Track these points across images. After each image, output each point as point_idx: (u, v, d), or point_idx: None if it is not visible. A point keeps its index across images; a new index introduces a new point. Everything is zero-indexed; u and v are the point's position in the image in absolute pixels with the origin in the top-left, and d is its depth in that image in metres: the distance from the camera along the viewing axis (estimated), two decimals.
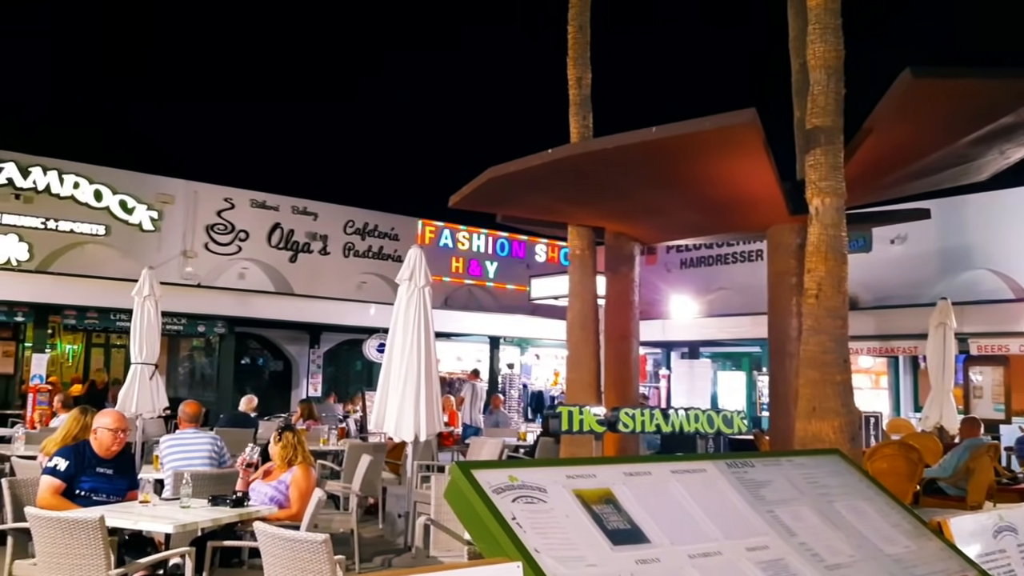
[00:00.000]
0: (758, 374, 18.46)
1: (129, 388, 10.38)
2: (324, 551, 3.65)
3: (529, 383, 22.19)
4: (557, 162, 5.57)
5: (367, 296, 20.28)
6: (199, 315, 16.70)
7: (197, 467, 6.33)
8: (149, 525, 4.70)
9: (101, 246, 17.58)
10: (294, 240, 20.52)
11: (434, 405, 7.62)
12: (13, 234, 16.52)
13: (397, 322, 7.84)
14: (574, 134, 7.28)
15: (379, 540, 8.28)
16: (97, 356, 18.32)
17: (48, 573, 4.19)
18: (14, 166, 16.70)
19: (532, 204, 7.11)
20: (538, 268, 23.10)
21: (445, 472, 8.15)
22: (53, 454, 5.41)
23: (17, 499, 5.25)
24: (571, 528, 2.49)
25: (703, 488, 2.79)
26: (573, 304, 7.32)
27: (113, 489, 5.25)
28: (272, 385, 20.17)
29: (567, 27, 7.40)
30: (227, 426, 10.74)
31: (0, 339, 16.71)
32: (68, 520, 4.12)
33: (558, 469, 2.72)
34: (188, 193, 18.95)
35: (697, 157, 5.29)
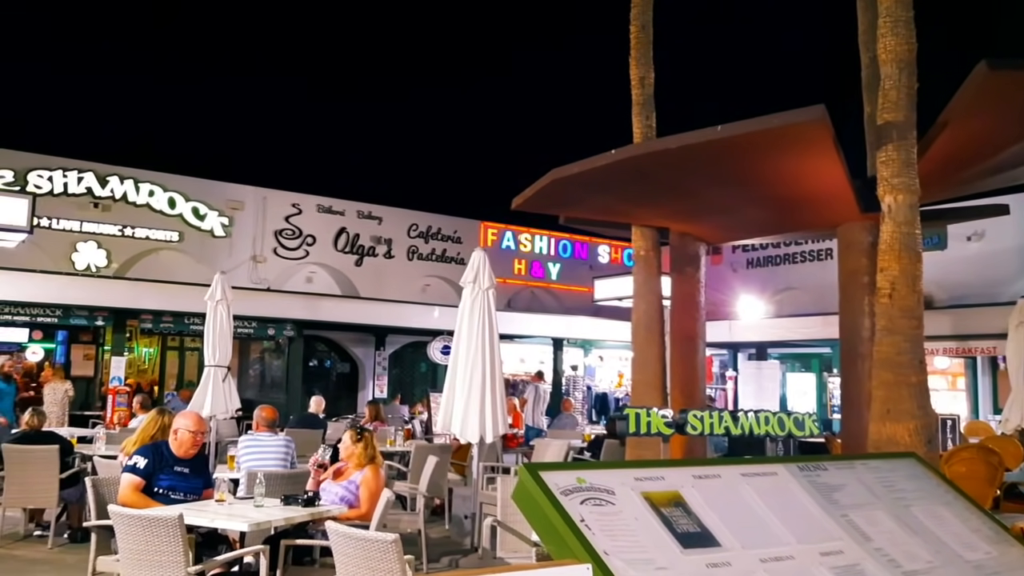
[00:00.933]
0: (828, 375, 18.05)
1: (203, 390, 10.67)
2: (394, 551, 3.70)
3: (593, 385, 22.11)
4: (620, 163, 5.54)
5: (431, 298, 20.48)
6: (269, 318, 17.10)
7: (270, 468, 6.48)
8: (225, 523, 4.83)
9: (175, 252, 18.13)
10: (359, 244, 20.83)
11: (499, 407, 7.65)
12: (92, 241, 17.15)
13: (462, 324, 7.90)
14: (637, 134, 7.25)
15: (445, 540, 8.35)
16: (172, 359, 18.88)
17: (130, 569, 4.33)
18: (93, 176, 17.34)
19: (596, 205, 7.08)
20: (601, 269, 22.99)
21: (511, 474, 8.19)
22: (133, 453, 5.60)
23: (100, 497, 5.44)
24: (640, 531, 2.48)
25: (774, 491, 2.75)
26: (638, 305, 7.27)
27: (189, 487, 5.41)
28: (339, 387, 20.51)
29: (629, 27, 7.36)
30: (297, 427, 10.97)
31: (81, 343, 17.37)
32: (149, 518, 4.26)
33: (626, 471, 2.71)
34: (257, 199, 19.41)
35: (764, 155, 5.21)
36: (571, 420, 14.21)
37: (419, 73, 39.33)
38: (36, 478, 7.58)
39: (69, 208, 17.02)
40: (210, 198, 18.68)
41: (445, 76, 39.38)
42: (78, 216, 17.11)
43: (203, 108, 34.53)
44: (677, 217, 7.06)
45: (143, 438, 6.83)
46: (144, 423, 7.07)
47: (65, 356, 17.21)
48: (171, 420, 7.08)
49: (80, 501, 7.83)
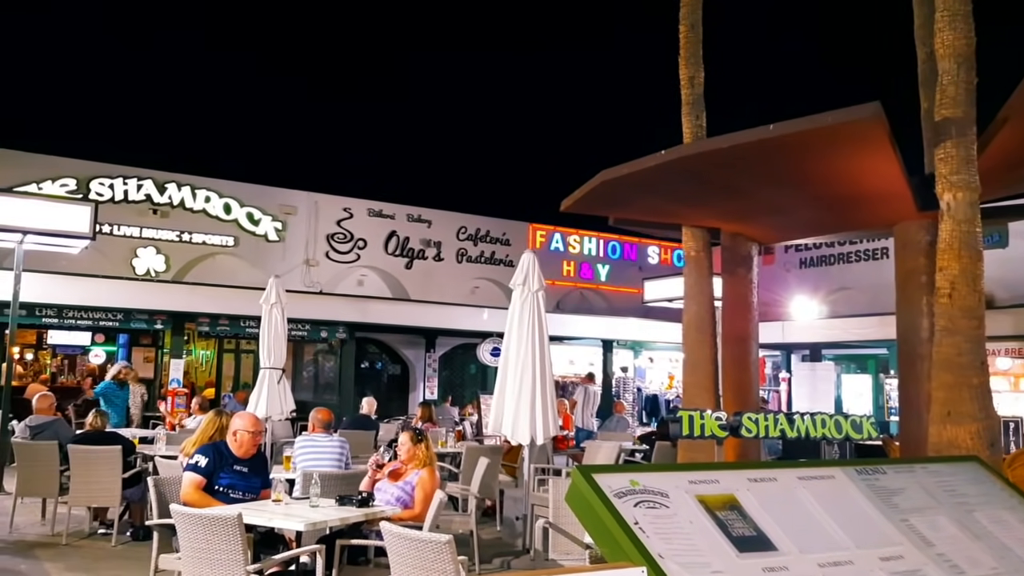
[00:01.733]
0: (885, 377, 17.68)
1: (258, 392, 10.86)
2: (448, 551, 3.74)
3: (643, 386, 21.98)
4: (671, 163, 5.50)
5: (480, 300, 20.57)
6: (321, 321, 17.35)
7: (325, 468, 6.59)
8: (282, 523, 4.92)
9: (230, 256, 18.51)
10: (409, 247, 21.02)
11: (549, 408, 7.66)
12: (151, 247, 17.60)
13: (512, 326, 7.93)
14: (687, 134, 7.19)
15: (497, 542, 8.38)
16: (228, 361, 19.26)
17: (191, 566, 4.44)
18: (151, 183, 17.79)
19: (645, 206, 7.04)
20: (651, 270, 22.86)
21: (562, 476, 8.18)
22: (194, 452, 5.74)
23: (162, 496, 5.59)
24: (695, 534, 2.47)
25: (832, 495, 2.72)
26: (689, 307, 7.21)
27: (248, 486, 5.53)
28: (390, 388, 20.71)
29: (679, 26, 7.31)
30: (349, 428, 11.10)
31: (141, 346, 17.83)
32: (209, 517, 4.37)
33: (680, 474, 2.70)
34: (309, 204, 19.71)
35: (818, 154, 5.13)
36: (622, 422, 14.15)
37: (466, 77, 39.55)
38: (100, 477, 7.80)
39: (129, 215, 17.50)
40: (264, 203, 19.03)
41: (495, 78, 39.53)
42: (138, 222, 17.58)
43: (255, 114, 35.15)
44: (729, 217, 6.98)
45: (202, 439, 7.04)
46: (203, 424, 7.29)
47: (126, 359, 17.67)
48: (228, 421, 7.28)
49: (142, 500, 8.05)
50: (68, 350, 19.08)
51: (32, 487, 8.28)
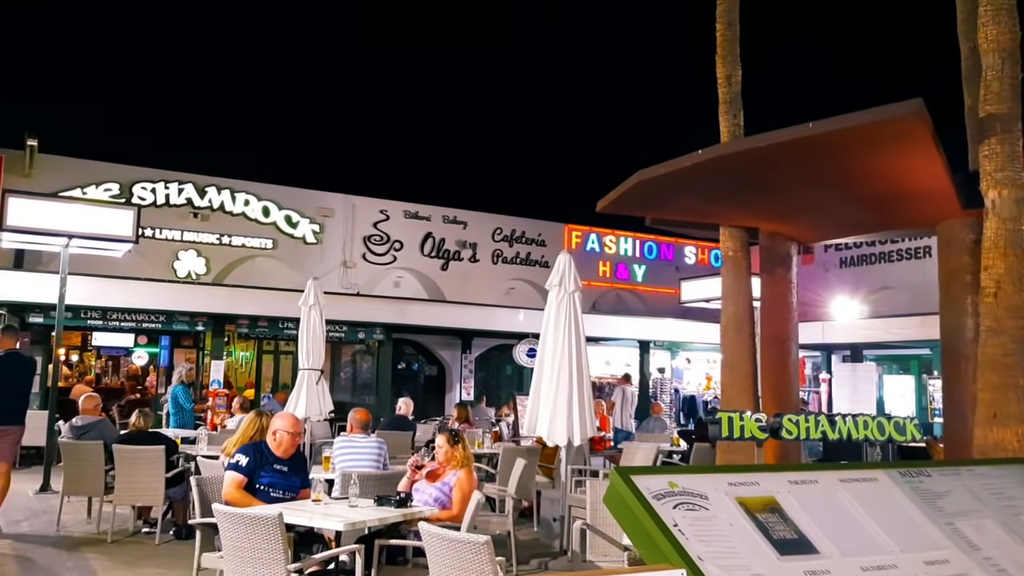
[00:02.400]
0: (928, 378, 17.37)
1: (297, 392, 10.97)
2: (486, 552, 3.75)
3: (681, 387, 21.84)
4: (708, 163, 5.47)
5: (516, 302, 20.58)
6: (359, 322, 17.48)
7: (364, 469, 6.64)
8: (322, 522, 4.97)
9: (269, 259, 18.74)
10: (445, 248, 21.11)
11: (587, 410, 7.65)
12: (192, 250, 17.89)
13: (548, 327, 7.92)
14: (724, 133, 7.14)
15: (534, 543, 8.38)
16: (268, 362, 19.49)
17: (233, 565, 4.51)
18: (192, 187, 18.09)
19: (682, 206, 7.00)
20: (688, 270, 22.71)
21: (600, 477, 8.16)
22: (235, 451, 5.82)
23: (204, 496, 5.67)
24: (735, 536, 2.45)
25: (875, 498, 2.68)
26: (727, 307, 7.15)
27: (288, 486, 5.59)
28: (427, 389, 20.80)
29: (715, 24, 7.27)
30: (387, 429, 11.17)
31: (183, 347, 18.12)
32: (250, 516, 4.43)
33: (719, 476, 2.68)
34: (346, 206, 19.89)
35: (859, 152, 5.06)
36: (659, 423, 14.07)
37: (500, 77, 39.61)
38: (144, 477, 7.93)
39: (171, 218, 17.80)
40: (302, 206, 19.24)
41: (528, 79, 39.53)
42: (179, 226, 17.87)
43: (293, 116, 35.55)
44: (767, 217, 6.92)
45: (243, 439, 7.15)
46: (243, 425, 7.40)
47: (168, 360, 17.99)
48: (268, 421, 7.38)
49: (184, 499, 8.17)
50: (112, 351, 19.46)
51: (78, 486, 8.45)
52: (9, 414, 8.45)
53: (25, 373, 8.81)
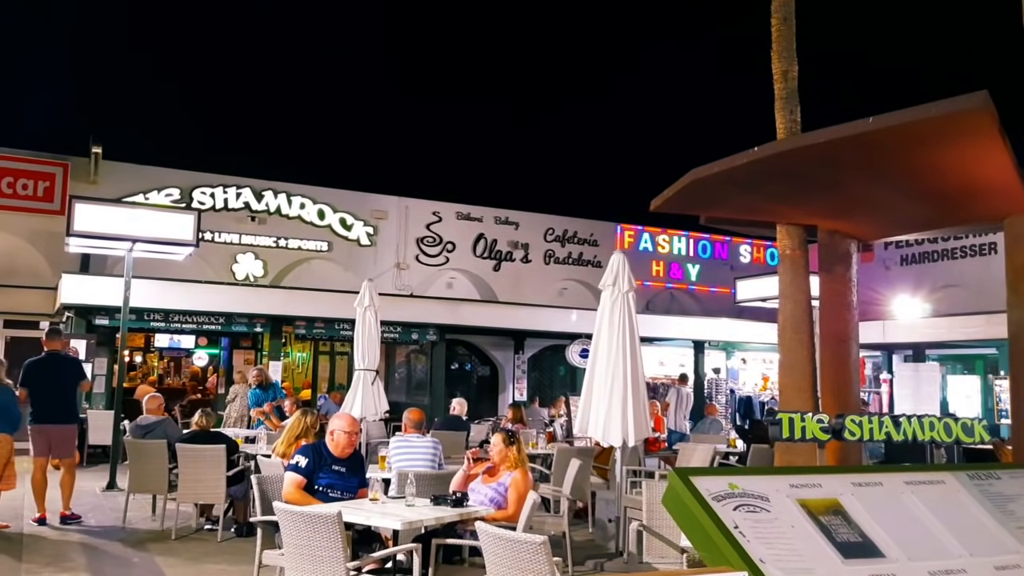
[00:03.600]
0: (995, 378, 16.86)
1: (353, 393, 11.10)
2: (543, 552, 3.75)
3: (737, 388, 21.56)
4: (764, 160, 5.37)
5: (568, 302, 20.55)
6: (412, 323, 17.63)
7: (419, 468, 6.69)
8: (379, 521, 5.02)
9: (324, 261, 19.02)
10: (497, 249, 21.17)
11: (642, 410, 7.59)
12: (250, 253, 18.26)
13: (601, 327, 7.88)
14: (781, 129, 7.04)
15: (589, 544, 8.35)
16: (324, 363, 19.76)
17: (294, 562, 4.58)
18: (250, 191, 18.45)
19: (738, 204, 6.90)
20: (743, 269, 22.43)
21: (655, 478, 8.10)
22: (295, 452, 5.92)
23: (264, 494, 5.77)
24: (797, 539, 2.42)
25: (942, 501, 2.62)
26: (785, 306, 7.05)
27: (346, 486, 5.66)
28: (480, 389, 20.88)
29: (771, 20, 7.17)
30: (441, 429, 11.24)
31: (241, 348, 18.47)
32: (310, 515, 4.50)
33: (780, 478, 2.65)
34: (400, 209, 20.09)
35: (922, 147, 4.93)
36: (715, 424, 13.91)
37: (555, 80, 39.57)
38: (206, 475, 8.11)
39: (229, 222, 18.19)
40: (356, 209, 19.49)
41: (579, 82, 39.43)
42: (237, 229, 18.26)
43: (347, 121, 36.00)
44: (826, 214, 6.78)
45: (288, 438, 7.34)
46: (290, 424, 7.59)
47: (228, 361, 18.34)
48: (314, 420, 7.55)
49: (245, 497, 8.34)
50: (174, 352, 19.92)
51: (143, 484, 8.67)
52: (59, 413, 8.79)
53: (70, 373, 9.14)
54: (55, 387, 8.85)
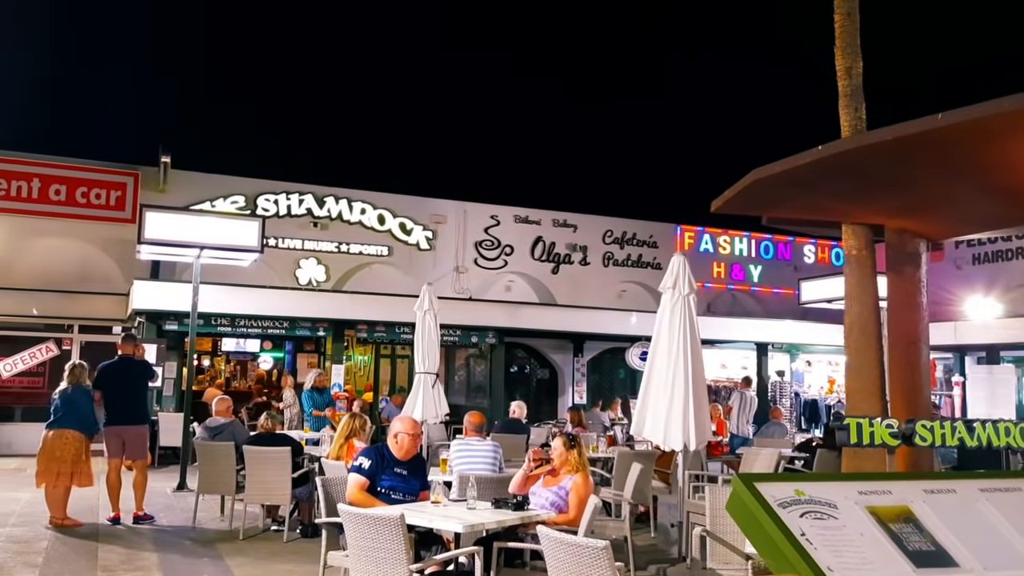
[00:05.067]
0: None
1: (414, 396, 11.20)
2: (605, 557, 3.73)
3: (801, 391, 21.14)
4: (829, 159, 5.27)
5: (628, 304, 20.42)
6: (472, 327, 17.71)
7: (480, 471, 6.72)
8: (441, 524, 5.05)
9: (385, 265, 19.25)
10: (555, 252, 21.15)
11: (703, 414, 7.50)
12: (313, 258, 18.58)
13: (661, 330, 7.80)
14: (845, 127, 6.89)
15: (651, 548, 8.28)
16: (385, 366, 19.99)
17: (358, 563, 4.64)
18: (312, 197, 18.78)
19: (802, 204, 6.77)
20: (807, 270, 22.00)
21: (718, 483, 7.99)
22: (358, 454, 6.01)
23: (329, 496, 5.86)
24: (866, 547, 2.37)
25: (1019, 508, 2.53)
26: (851, 307, 6.89)
27: (408, 488, 5.72)
28: (539, 392, 20.87)
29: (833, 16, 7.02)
30: (501, 432, 11.27)
31: (305, 352, 18.81)
32: (374, 517, 4.55)
33: (848, 484, 2.59)
34: (458, 213, 20.21)
35: (993, 142, 4.77)
36: (779, 428, 13.65)
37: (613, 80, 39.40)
38: (272, 477, 8.28)
39: (292, 228, 18.54)
40: (416, 213, 19.68)
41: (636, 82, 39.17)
42: (300, 235, 18.60)
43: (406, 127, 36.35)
44: (894, 213, 6.61)
45: (339, 439, 7.57)
46: (340, 427, 7.83)
47: (292, 365, 18.69)
48: (362, 422, 7.77)
49: (310, 499, 8.48)
50: (240, 356, 20.35)
51: (212, 485, 8.89)
52: (132, 415, 9.09)
53: (141, 377, 9.44)
54: (128, 390, 9.15)
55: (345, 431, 7.74)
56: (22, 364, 16.36)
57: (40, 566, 7.01)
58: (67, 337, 16.72)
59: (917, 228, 6.73)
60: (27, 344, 16.44)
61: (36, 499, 9.55)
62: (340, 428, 7.98)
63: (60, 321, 16.68)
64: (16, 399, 16.34)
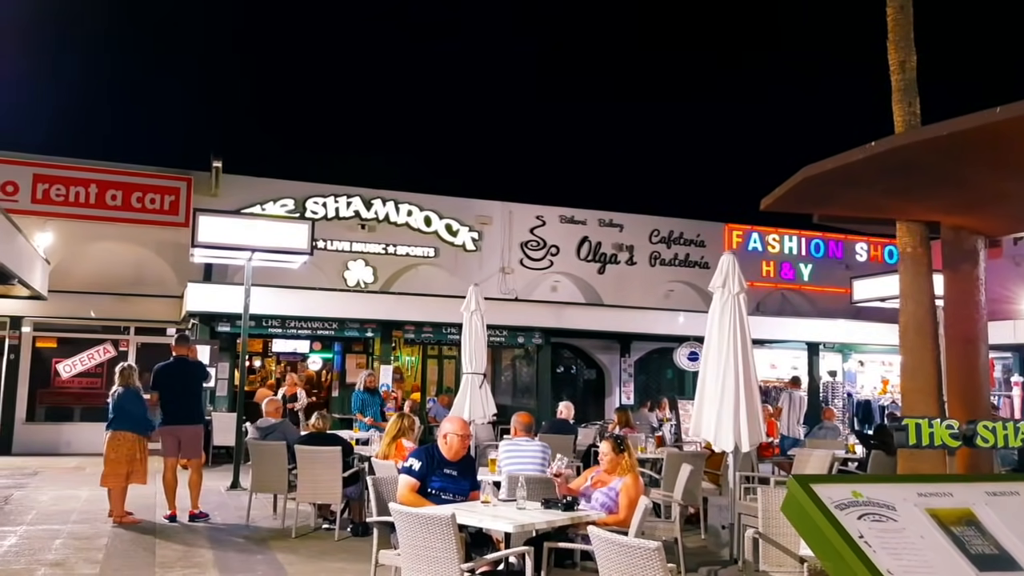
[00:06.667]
0: None
1: (462, 396, 11.27)
2: (657, 558, 3.71)
3: (854, 392, 20.76)
4: (882, 155, 5.17)
5: (675, 304, 20.26)
6: (518, 327, 17.74)
7: (529, 471, 6.73)
8: (491, 524, 5.07)
9: (431, 267, 19.37)
10: (601, 252, 21.07)
11: (755, 415, 7.41)
12: (360, 259, 18.77)
13: (712, 330, 7.74)
14: (899, 123, 6.77)
15: (702, 550, 8.21)
16: (432, 367, 20.10)
17: (410, 562, 4.68)
18: (359, 200, 18.98)
19: (854, 201, 6.66)
20: (859, 268, 21.60)
21: (770, 484, 7.89)
22: (408, 455, 6.06)
23: (379, 495, 5.92)
24: (927, 550, 2.33)
25: None
26: (906, 306, 6.75)
27: (458, 489, 5.75)
28: (586, 393, 20.82)
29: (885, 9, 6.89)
30: (548, 433, 11.26)
31: (353, 352, 19.00)
32: (425, 516, 4.59)
33: (907, 486, 2.55)
34: (504, 213, 20.25)
35: None
36: (832, 430, 13.42)
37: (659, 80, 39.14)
38: (323, 476, 8.38)
39: (340, 230, 18.76)
40: (461, 215, 19.77)
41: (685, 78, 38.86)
42: (348, 237, 18.81)
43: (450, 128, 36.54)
44: (950, 209, 6.46)
45: (387, 439, 7.67)
46: (388, 426, 7.92)
47: (341, 365, 18.89)
48: (411, 422, 7.87)
49: (360, 498, 8.58)
50: (290, 357, 20.63)
51: (264, 484, 9.04)
52: (187, 415, 9.29)
53: (196, 377, 9.64)
54: (183, 390, 9.36)
55: (393, 430, 7.85)
56: (80, 365, 16.83)
57: (100, 562, 7.19)
58: (123, 339, 17.14)
59: (974, 225, 6.57)
60: (85, 346, 16.90)
61: (95, 497, 9.82)
62: (388, 428, 8.09)
63: (117, 323, 17.10)
64: (75, 399, 16.82)
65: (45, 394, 16.68)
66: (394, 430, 7.84)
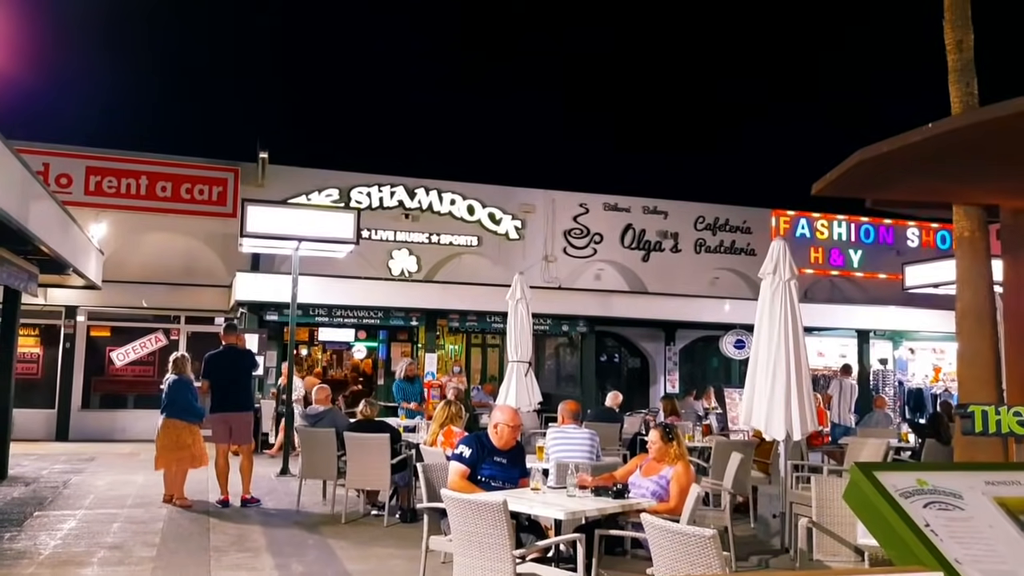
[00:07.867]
0: None
1: (507, 384, 11.29)
2: (713, 546, 3.68)
3: (905, 380, 20.38)
4: (940, 136, 5.02)
5: (721, 292, 20.06)
6: (562, 315, 17.72)
7: (577, 459, 6.72)
8: (542, 511, 5.08)
9: (475, 256, 19.41)
10: (646, 240, 20.91)
11: (807, 403, 7.31)
12: (405, 249, 18.88)
13: (762, 317, 7.65)
14: (956, 103, 6.60)
15: (752, 539, 8.14)
16: (476, 355, 20.17)
17: (462, 548, 4.71)
18: (403, 189, 19.07)
19: (909, 185, 6.48)
20: (911, 254, 21.16)
21: (823, 473, 7.79)
22: (459, 443, 6.09)
23: (429, 482, 5.96)
24: (996, 540, 2.27)
25: None
26: (963, 293, 6.60)
27: (508, 477, 5.76)
28: (630, 381, 20.72)
29: None
30: (594, 421, 11.25)
31: (398, 341, 19.15)
32: (477, 503, 4.61)
33: (974, 474, 2.49)
34: (547, 202, 20.20)
35: None
36: (884, 418, 13.19)
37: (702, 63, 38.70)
38: (371, 463, 8.47)
39: (385, 220, 18.88)
40: (504, 203, 19.76)
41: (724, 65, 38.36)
42: (392, 227, 18.93)
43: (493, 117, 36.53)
44: (1011, 192, 6.27)
45: (435, 426, 7.74)
46: (436, 413, 7.98)
47: (386, 354, 19.05)
48: (458, 409, 7.93)
49: (408, 485, 8.65)
50: (336, 346, 20.85)
51: (314, 470, 9.16)
52: (237, 402, 9.45)
53: (245, 365, 9.79)
54: (233, 378, 9.52)
55: (441, 418, 7.92)
56: (133, 353, 17.22)
57: (157, 545, 7.36)
58: (174, 328, 17.48)
59: None
60: (138, 335, 17.29)
61: (150, 482, 10.04)
62: (436, 415, 8.15)
63: (167, 312, 17.44)
64: (128, 387, 17.22)
65: (100, 382, 17.11)
66: (442, 417, 7.91)
